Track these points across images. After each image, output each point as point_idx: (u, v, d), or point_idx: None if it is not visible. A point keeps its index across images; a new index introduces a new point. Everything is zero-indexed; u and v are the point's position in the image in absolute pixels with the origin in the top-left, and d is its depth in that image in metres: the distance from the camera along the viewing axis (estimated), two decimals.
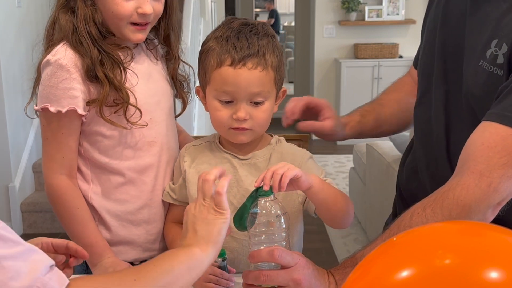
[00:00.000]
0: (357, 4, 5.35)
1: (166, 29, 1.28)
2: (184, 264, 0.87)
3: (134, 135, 1.22)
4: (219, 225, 0.90)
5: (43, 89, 1.16)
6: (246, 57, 1.07)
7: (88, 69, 1.15)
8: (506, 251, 0.62)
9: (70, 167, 1.21)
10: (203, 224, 0.90)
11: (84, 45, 1.15)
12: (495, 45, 0.98)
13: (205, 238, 0.90)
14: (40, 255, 0.74)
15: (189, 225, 0.92)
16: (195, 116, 3.65)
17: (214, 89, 1.11)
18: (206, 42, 1.14)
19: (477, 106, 1.02)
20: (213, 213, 0.90)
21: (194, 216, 0.92)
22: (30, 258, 0.72)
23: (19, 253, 0.70)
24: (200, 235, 0.90)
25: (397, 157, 2.87)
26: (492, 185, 0.91)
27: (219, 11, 5.66)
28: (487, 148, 0.92)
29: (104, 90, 1.15)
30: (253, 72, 1.08)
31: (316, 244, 3.23)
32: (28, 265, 0.71)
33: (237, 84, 1.08)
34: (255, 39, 1.09)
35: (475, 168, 0.92)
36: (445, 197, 0.93)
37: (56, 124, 1.17)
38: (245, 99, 1.10)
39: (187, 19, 3.51)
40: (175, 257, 0.88)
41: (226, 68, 1.08)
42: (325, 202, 1.08)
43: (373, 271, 0.66)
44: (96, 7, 1.17)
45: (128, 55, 1.22)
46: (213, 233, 0.90)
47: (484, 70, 1.00)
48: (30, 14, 3.43)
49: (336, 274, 0.99)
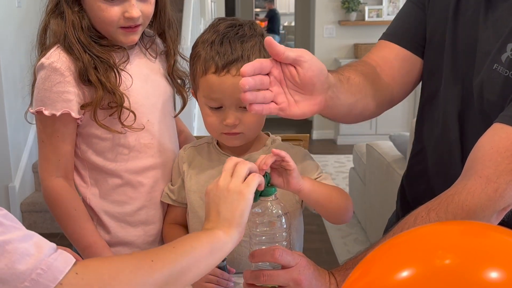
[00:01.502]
0: (357, 4, 5.35)
1: (159, 27, 1.27)
2: (206, 246, 0.85)
3: (130, 138, 1.22)
4: (242, 206, 0.88)
5: (37, 93, 1.16)
6: (229, 63, 1.06)
7: (81, 73, 1.14)
8: (506, 251, 0.61)
9: (66, 169, 1.21)
10: (226, 204, 0.88)
11: (75, 51, 1.14)
12: (511, 49, 0.97)
13: (228, 220, 0.88)
14: (42, 238, 0.74)
15: (211, 206, 0.90)
16: (195, 116, 3.65)
17: (203, 95, 1.11)
18: (195, 47, 1.13)
19: (492, 111, 1.00)
20: (237, 195, 0.88)
21: (217, 197, 0.89)
22: (32, 240, 0.72)
23: (21, 237, 0.70)
24: (223, 216, 0.88)
25: (397, 157, 2.87)
26: (498, 190, 0.90)
27: (219, 11, 5.66)
28: (496, 152, 0.91)
29: (98, 94, 1.14)
30: (238, 78, 1.06)
31: (316, 244, 3.23)
32: (32, 247, 0.71)
33: (223, 91, 1.07)
34: (238, 44, 1.07)
35: (482, 172, 0.91)
36: (450, 201, 0.92)
37: (51, 127, 1.18)
38: (233, 105, 1.09)
39: (187, 19, 3.51)
40: (196, 239, 0.86)
41: (210, 75, 1.08)
42: (318, 202, 1.07)
43: (373, 271, 0.66)
44: (83, 13, 1.16)
45: (124, 56, 1.21)
46: (236, 215, 0.88)
47: (500, 74, 0.98)
48: (30, 14, 3.43)
49: (337, 275, 0.99)
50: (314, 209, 1.12)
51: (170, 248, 0.83)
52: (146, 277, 0.78)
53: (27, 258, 0.69)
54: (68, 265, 0.73)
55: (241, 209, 0.89)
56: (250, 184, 0.90)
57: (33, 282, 0.69)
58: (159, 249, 0.84)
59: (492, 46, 1.01)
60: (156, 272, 0.79)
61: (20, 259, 0.69)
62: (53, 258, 0.72)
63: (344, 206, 1.11)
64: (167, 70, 1.30)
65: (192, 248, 0.83)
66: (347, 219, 1.13)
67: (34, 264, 0.70)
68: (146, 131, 1.23)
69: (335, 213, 1.11)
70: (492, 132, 0.94)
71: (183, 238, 0.87)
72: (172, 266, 0.81)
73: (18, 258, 0.69)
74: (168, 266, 0.81)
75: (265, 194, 0.96)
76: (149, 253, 0.83)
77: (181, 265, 0.82)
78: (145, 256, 0.82)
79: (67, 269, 0.72)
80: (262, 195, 0.96)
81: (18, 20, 3.38)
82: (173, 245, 0.84)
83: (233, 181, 0.90)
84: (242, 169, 0.91)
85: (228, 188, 0.89)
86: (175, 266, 0.81)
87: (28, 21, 3.41)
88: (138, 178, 1.24)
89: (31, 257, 0.70)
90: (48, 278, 0.70)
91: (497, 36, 1.01)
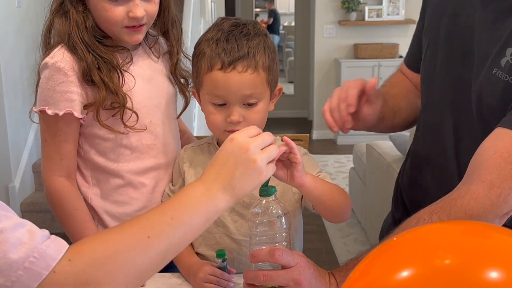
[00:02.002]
0: (357, 4, 5.35)
1: (163, 26, 1.27)
2: (204, 215, 0.82)
3: (132, 138, 1.22)
4: (254, 186, 0.86)
5: (41, 92, 1.17)
6: (235, 60, 1.07)
7: (85, 72, 1.14)
8: (506, 251, 0.61)
9: (68, 169, 1.21)
10: (244, 177, 0.84)
11: (79, 51, 1.15)
12: (511, 53, 0.96)
13: (236, 189, 0.84)
14: (34, 226, 0.73)
15: (230, 157, 0.85)
16: (195, 116, 3.65)
17: (207, 93, 1.11)
18: (198, 45, 1.13)
19: (491, 115, 1.00)
20: (258, 174, 0.85)
21: (241, 160, 0.85)
22: (24, 228, 0.71)
23: (13, 225, 0.70)
24: (234, 183, 0.84)
25: (397, 157, 2.87)
26: (501, 196, 0.90)
27: (219, 11, 5.66)
28: (499, 157, 0.91)
29: (101, 94, 1.14)
30: (244, 75, 1.07)
31: (316, 244, 3.23)
32: (25, 235, 0.70)
33: (228, 88, 1.08)
34: (244, 41, 1.08)
35: (485, 177, 0.91)
36: (452, 205, 0.92)
37: (54, 126, 1.18)
38: (237, 101, 1.09)
39: (187, 19, 3.51)
40: (196, 207, 0.82)
41: (216, 72, 1.08)
42: (319, 199, 1.07)
43: (373, 271, 0.66)
44: (87, 12, 1.16)
45: (127, 57, 1.21)
46: (245, 190, 0.85)
47: (499, 79, 0.98)
48: (30, 14, 3.43)
49: (337, 275, 0.99)
50: (313, 207, 1.12)
51: (168, 219, 0.79)
52: (142, 256, 0.76)
53: (19, 247, 0.69)
54: (61, 251, 0.72)
55: (252, 188, 0.87)
56: (270, 170, 0.88)
57: (26, 271, 0.69)
58: (156, 221, 0.79)
59: (490, 49, 1.01)
60: (152, 249, 0.77)
61: (12, 248, 0.68)
62: (45, 245, 0.71)
63: (343, 204, 1.11)
64: (170, 69, 1.30)
65: (190, 220, 0.80)
66: (346, 218, 1.13)
67: (26, 253, 0.69)
68: (149, 132, 1.23)
69: (334, 211, 1.11)
70: (495, 136, 0.94)
71: (181, 204, 0.82)
72: (169, 240, 0.78)
73: (10, 248, 0.68)
74: (165, 241, 0.78)
75: (265, 194, 0.96)
76: (145, 227, 0.79)
77: (178, 238, 0.79)
78: (141, 232, 0.78)
79: (60, 255, 0.71)
80: (262, 195, 0.96)
81: (18, 20, 3.38)
82: (170, 215, 0.79)
83: (261, 157, 0.86)
84: (270, 140, 0.89)
85: (254, 160, 0.85)
86: (172, 241, 0.79)
87: (28, 21, 3.42)
88: (140, 178, 1.24)
89: (23, 245, 0.69)
90: (40, 266, 0.69)
91: (494, 39, 1.00)
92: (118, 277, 0.74)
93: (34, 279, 0.69)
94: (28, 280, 0.69)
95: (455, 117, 1.11)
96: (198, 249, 1.21)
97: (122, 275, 0.75)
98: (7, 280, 0.68)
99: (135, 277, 0.77)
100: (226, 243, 1.18)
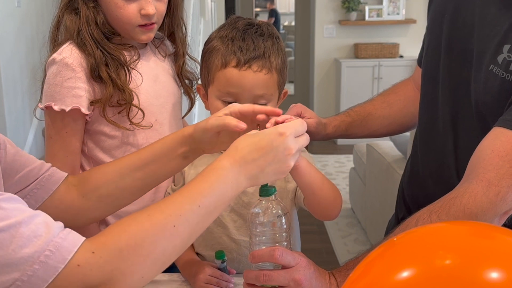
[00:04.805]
0: (357, 4, 5.35)
1: (170, 27, 1.28)
2: (226, 205, 0.82)
3: (137, 136, 1.22)
4: (272, 181, 0.87)
5: (48, 88, 1.17)
6: (251, 59, 1.07)
7: (92, 69, 1.15)
8: (507, 252, 0.61)
9: (73, 166, 1.21)
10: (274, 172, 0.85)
11: (88, 47, 1.15)
12: (507, 50, 0.97)
13: (258, 181, 0.85)
14: (49, 217, 0.72)
15: (272, 151, 0.85)
16: (195, 116, 3.65)
17: (218, 89, 1.11)
18: (210, 41, 1.13)
19: (488, 112, 1.00)
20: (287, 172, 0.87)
21: (279, 154, 0.85)
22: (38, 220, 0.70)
23: (27, 218, 0.69)
24: (260, 176, 0.84)
25: (397, 157, 2.87)
26: (500, 194, 0.90)
27: (219, 11, 5.67)
28: (497, 156, 0.91)
29: (108, 90, 1.15)
30: (258, 75, 1.07)
31: (316, 244, 3.23)
32: (40, 228, 0.69)
33: (242, 86, 1.08)
34: (260, 41, 1.09)
35: (484, 176, 0.91)
36: (452, 204, 0.92)
37: (59, 122, 1.18)
38: (248, 100, 1.09)
39: (187, 19, 3.51)
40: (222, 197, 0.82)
41: (231, 69, 1.08)
42: (310, 186, 1.03)
43: (373, 272, 0.66)
44: (98, 8, 1.17)
45: (135, 55, 1.22)
46: (263, 183, 0.86)
47: (496, 75, 0.98)
48: (30, 14, 3.43)
49: (337, 275, 0.98)
50: (304, 197, 1.09)
51: (195, 207, 0.78)
52: (166, 245, 0.76)
53: (34, 240, 0.68)
54: (77, 244, 0.71)
55: (274, 179, 0.87)
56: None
57: (42, 264, 0.68)
58: (183, 209, 0.78)
59: (488, 45, 1.01)
60: (177, 237, 0.77)
61: (27, 242, 0.68)
62: (61, 237, 0.70)
63: (332, 199, 1.07)
64: (176, 70, 1.31)
65: (215, 209, 0.80)
66: (335, 215, 1.10)
67: (42, 246, 0.68)
68: (155, 131, 1.23)
69: (324, 204, 1.07)
70: (493, 136, 0.94)
71: (210, 190, 0.80)
72: (192, 228, 0.78)
73: (25, 242, 0.68)
74: (189, 228, 0.78)
75: (265, 194, 0.96)
76: (171, 215, 0.77)
77: (202, 224, 0.79)
78: (167, 221, 0.77)
79: (75, 248, 0.70)
80: (262, 195, 0.96)
81: (18, 20, 3.38)
82: (198, 203, 0.79)
83: (293, 162, 0.87)
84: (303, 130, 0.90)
85: (289, 166, 0.86)
86: (195, 228, 0.79)
87: (28, 21, 3.42)
88: None
89: (38, 238, 0.68)
90: (56, 259, 0.69)
91: (492, 35, 1.00)
92: (143, 267, 0.74)
93: (50, 273, 0.68)
94: (44, 274, 0.68)
95: (454, 114, 1.12)
96: (197, 249, 1.21)
97: (146, 264, 0.74)
98: (23, 275, 0.67)
99: (159, 265, 0.77)
100: (225, 243, 1.18)
